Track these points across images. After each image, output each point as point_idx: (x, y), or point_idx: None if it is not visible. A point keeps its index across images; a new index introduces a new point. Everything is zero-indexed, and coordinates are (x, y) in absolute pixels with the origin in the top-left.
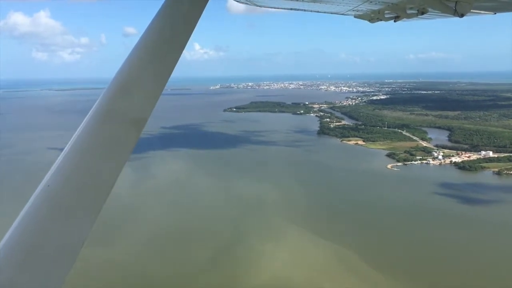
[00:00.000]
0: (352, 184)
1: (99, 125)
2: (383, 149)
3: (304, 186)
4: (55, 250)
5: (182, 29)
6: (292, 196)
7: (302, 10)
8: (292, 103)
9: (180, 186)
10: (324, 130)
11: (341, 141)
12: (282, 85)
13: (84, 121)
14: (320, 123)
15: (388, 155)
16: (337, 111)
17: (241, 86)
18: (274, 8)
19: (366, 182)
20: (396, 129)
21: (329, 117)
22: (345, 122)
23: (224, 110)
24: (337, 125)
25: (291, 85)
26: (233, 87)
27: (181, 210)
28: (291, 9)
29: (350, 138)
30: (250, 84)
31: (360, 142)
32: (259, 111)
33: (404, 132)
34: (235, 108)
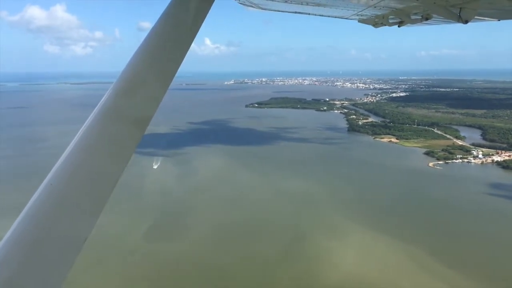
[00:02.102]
0: (400, 182)
1: (103, 124)
2: (418, 147)
3: (352, 184)
4: (56, 249)
5: (187, 28)
6: (343, 193)
7: (306, 13)
8: (313, 99)
9: (225, 181)
10: (353, 127)
11: (374, 138)
12: (296, 81)
13: (87, 119)
14: (347, 120)
15: (427, 154)
16: (360, 108)
17: (255, 81)
18: (279, 11)
19: (413, 180)
20: (427, 127)
21: (354, 114)
22: (372, 119)
23: (246, 106)
24: (365, 122)
25: (305, 81)
26: (247, 82)
27: (234, 205)
28: (295, 12)
29: (383, 136)
30: (263, 79)
31: (394, 140)
32: (281, 107)
33: (435, 130)
34: (257, 104)
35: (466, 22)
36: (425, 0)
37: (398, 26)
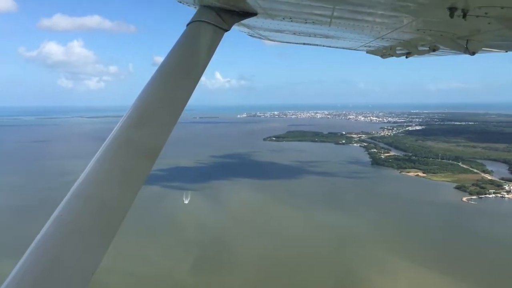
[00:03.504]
0: (438, 217)
1: (113, 155)
2: (447, 181)
3: (389, 217)
4: (64, 281)
5: (198, 59)
6: (382, 227)
7: (314, 45)
8: (329, 132)
9: (260, 215)
10: (376, 161)
11: (400, 172)
12: (308, 114)
13: (99, 150)
14: (369, 154)
15: (457, 188)
16: (379, 141)
17: (268, 115)
18: (288, 43)
19: (450, 214)
20: (451, 161)
21: (374, 148)
22: (394, 153)
23: (264, 139)
24: (387, 156)
25: (317, 114)
26: (259, 115)
27: (274, 239)
28: (304, 43)
29: (409, 170)
30: (276, 113)
31: (421, 174)
32: (299, 140)
33: (461, 164)
34: (274, 137)
35: (473, 53)
36: (432, 32)
37: (406, 57)
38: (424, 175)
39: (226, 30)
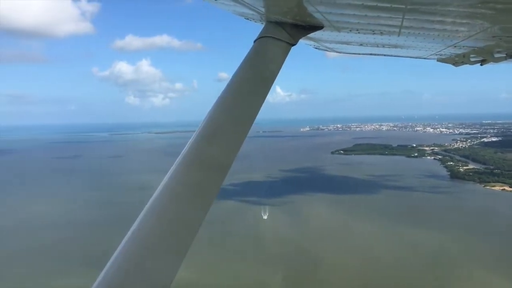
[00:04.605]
0: None
1: (186, 171)
2: None
3: (481, 235)
4: None
5: (266, 75)
6: (476, 246)
7: (382, 55)
8: (398, 145)
9: (343, 232)
10: (456, 175)
11: (484, 186)
12: (373, 126)
13: (172, 166)
14: (445, 167)
15: None
16: (454, 154)
17: (331, 127)
18: (354, 54)
19: None
20: None
21: (450, 160)
22: (472, 165)
23: (332, 153)
24: (467, 169)
25: (382, 126)
26: (322, 129)
27: (362, 257)
28: (370, 54)
29: (493, 184)
30: (338, 125)
31: (507, 188)
32: (368, 153)
33: None
34: (342, 150)
35: None
36: (509, 39)
37: (481, 65)
38: (511, 189)
39: (293, 45)
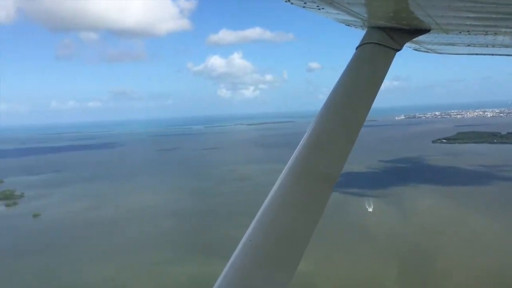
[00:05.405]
0: None
1: (294, 181)
2: None
3: None
4: None
5: (371, 82)
6: None
7: (490, 54)
8: (508, 132)
9: (457, 226)
10: None
11: None
12: (476, 113)
13: (280, 176)
14: None
15: None
16: None
17: (428, 115)
18: (459, 54)
19: None
20: None
21: None
22: None
23: (433, 142)
24: None
25: (487, 112)
26: (419, 116)
27: (484, 253)
28: (477, 54)
29: None
30: (437, 113)
31: None
32: (474, 142)
33: None
34: (444, 139)
35: None
36: None
37: None
38: None
39: (398, 50)
